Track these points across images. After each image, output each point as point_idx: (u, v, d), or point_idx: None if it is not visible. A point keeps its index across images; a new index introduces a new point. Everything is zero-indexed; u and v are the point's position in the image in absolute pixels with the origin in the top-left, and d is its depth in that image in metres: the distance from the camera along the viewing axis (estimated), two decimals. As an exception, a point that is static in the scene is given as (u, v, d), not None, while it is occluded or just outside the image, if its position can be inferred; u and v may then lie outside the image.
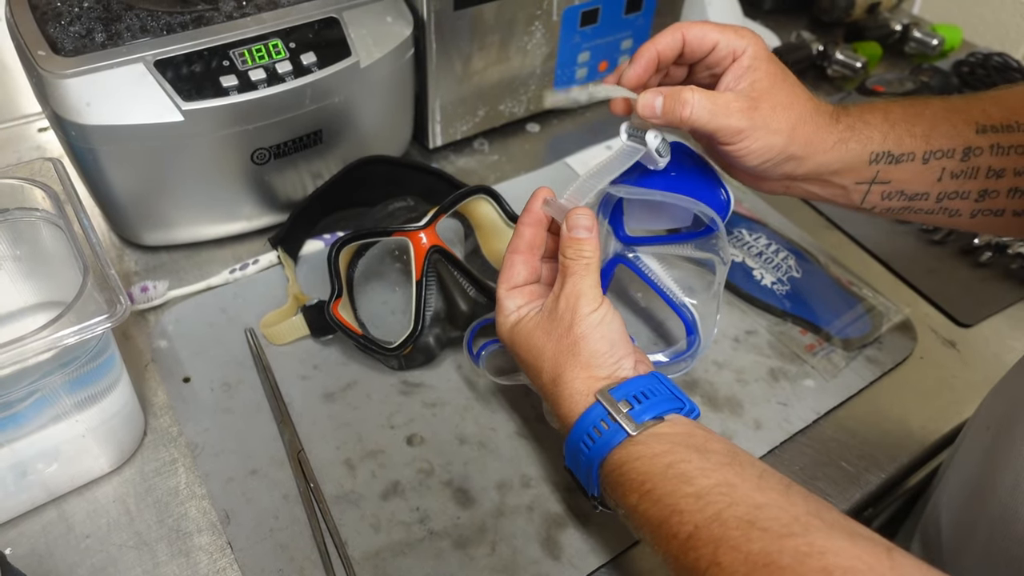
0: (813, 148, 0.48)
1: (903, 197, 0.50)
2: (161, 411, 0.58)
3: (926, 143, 0.48)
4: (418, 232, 0.58)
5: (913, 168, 0.48)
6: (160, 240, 0.68)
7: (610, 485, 0.42)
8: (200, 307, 0.65)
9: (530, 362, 0.47)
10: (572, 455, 0.45)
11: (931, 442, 0.60)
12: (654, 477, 0.39)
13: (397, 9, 0.69)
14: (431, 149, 0.81)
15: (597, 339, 0.44)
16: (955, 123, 0.48)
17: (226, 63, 0.60)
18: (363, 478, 0.55)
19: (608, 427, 0.42)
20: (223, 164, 0.64)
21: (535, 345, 0.46)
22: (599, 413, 0.43)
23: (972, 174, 0.48)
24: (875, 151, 0.48)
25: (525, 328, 0.47)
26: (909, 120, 0.48)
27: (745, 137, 0.46)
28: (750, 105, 0.46)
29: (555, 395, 0.45)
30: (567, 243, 0.47)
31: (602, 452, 0.42)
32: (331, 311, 0.57)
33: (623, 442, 0.41)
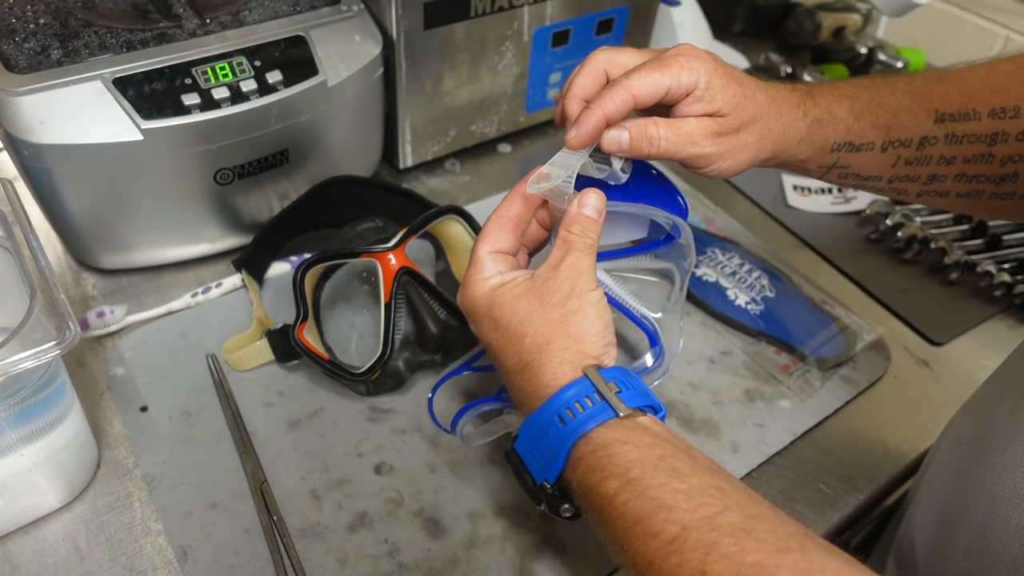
0: (780, 148, 0.48)
1: (858, 178, 0.51)
2: (116, 442, 0.55)
3: (886, 134, 0.48)
4: (387, 253, 0.57)
5: (871, 156, 0.49)
6: (119, 263, 0.66)
7: (584, 468, 0.38)
8: (160, 332, 0.63)
9: (511, 327, 0.42)
10: (536, 432, 0.40)
11: (907, 462, 0.60)
12: (643, 465, 0.36)
13: (366, 28, 0.68)
14: (401, 170, 0.80)
15: (593, 317, 0.41)
16: (916, 113, 0.48)
17: (188, 81, 0.59)
18: (329, 509, 0.52)
19: (593, 404, 0.38)
20: (185, 184, 0.62)
21: (521, 308, 0.42)
22: (585, 388, 0.39)
23: (924, 161, 0.49)
24: (838, 142, 0.48)
25: (511, 291, 0.42)
26: (873, 111, 0.48)
27: (713, 161, 0.46)
28: (715, 130, 0.45)
29: (536, 363, 0.41)
30: (575, 219, 0.44)
31: (583, 428, 0.38)
32: (296, 335, 0.55)
33: (609, 422, 0.38)
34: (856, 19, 1.09)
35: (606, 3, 0.81)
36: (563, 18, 0.79)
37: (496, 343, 0.43)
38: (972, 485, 0.44)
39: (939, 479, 0.51)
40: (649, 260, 0.56)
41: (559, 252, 0.43)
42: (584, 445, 0.38)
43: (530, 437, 0.41)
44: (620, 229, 0.56)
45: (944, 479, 0.50)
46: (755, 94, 0.46)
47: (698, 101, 0.45)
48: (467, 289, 0.44)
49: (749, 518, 0.33)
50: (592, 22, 0.82)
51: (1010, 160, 0.47)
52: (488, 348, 0.44)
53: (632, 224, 0.55)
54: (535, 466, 0.41)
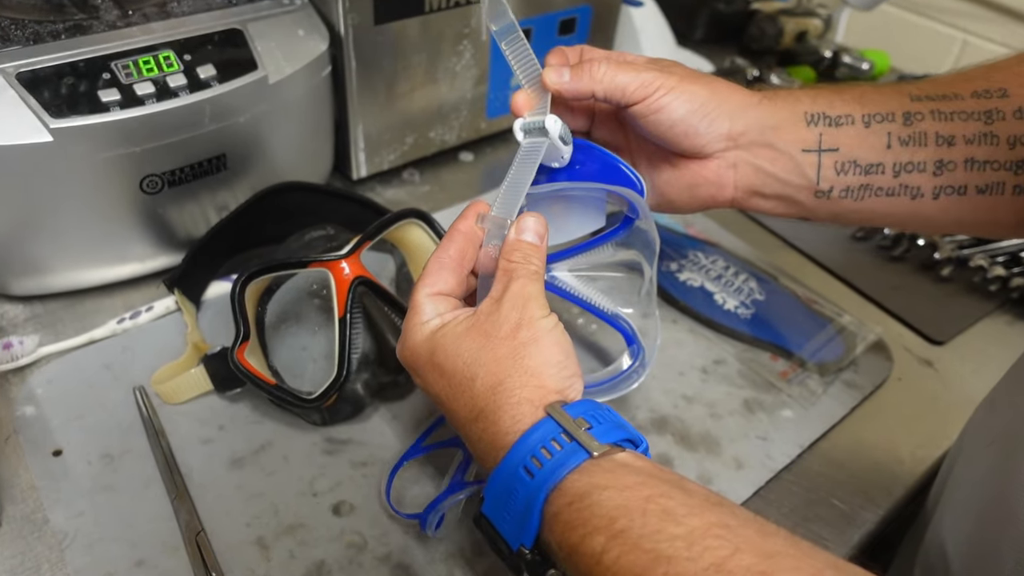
0: (737, 102, 0.44)
1: (858, 170, 0.45)
2: (23, 494, 0.47)
3: (860, 107, 0.44)
4: (339, 262, 0.50)
5: (856, 132, 0.44)
6: (32, 289, 0.58)
7: (562, 525, 0.32)
8: (79, 365, 0.54)
9: (458, 370, 0.37)
10: (502, 490, 0.34)
11: (923, 470, 0.55)
12: (630, 512, 0.30)
13: (310, 22, 0.62)
14: (355, 180, 0.74)
15: (549, 345, 0.36)
16: (885, 92, 0.45)
17: (106, 76, 0.52)
18: (279, 560, 0.45)
19: (562, 447, 0.33)
20: (106, 194, 0.54)
21: (467, 349, 0.37)
22: (550, 429, 0.34)
23: (921, 140, 0.44)
24: (807, 110, 0.45)
25: (452, 332, 0.38)
26: (833, 91, 0.45)
27: (659, 87, 0.43)
28: (660, 68, 0.44)
29: (491, 408, 0.36)
30: (513, 247, 0.39)
31: (554, 477, 0.32)
32: (235, 357, 0.48)
33: (583, 466, 0.33)
34: (817, 23, 1.08)
35: (568, 2, 0.77)
36: (523, 16, 0.74)
37: (443, 393, 0.38)
38: (1015, 489, 0.39)
39: (969, 484, 0.46)
40: (612, 251, 0.50)
41: (501, 283, 0.39)
42: (559, 498, 0.32)
43: (497, 496, 0.35)
44: (575, 221, 0.50)
45: (976, 484, 0.44)
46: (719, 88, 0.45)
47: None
48: (405, 338, 0.40)
49: (766, 557, 0.28)
50: (554, 21, 0.78)
51: (1018, 142, 0.42)
52: (437, 401, 0.39)
53: (586, 214, 0.49)
54: (507, 529, 0.34)
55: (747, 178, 0.46)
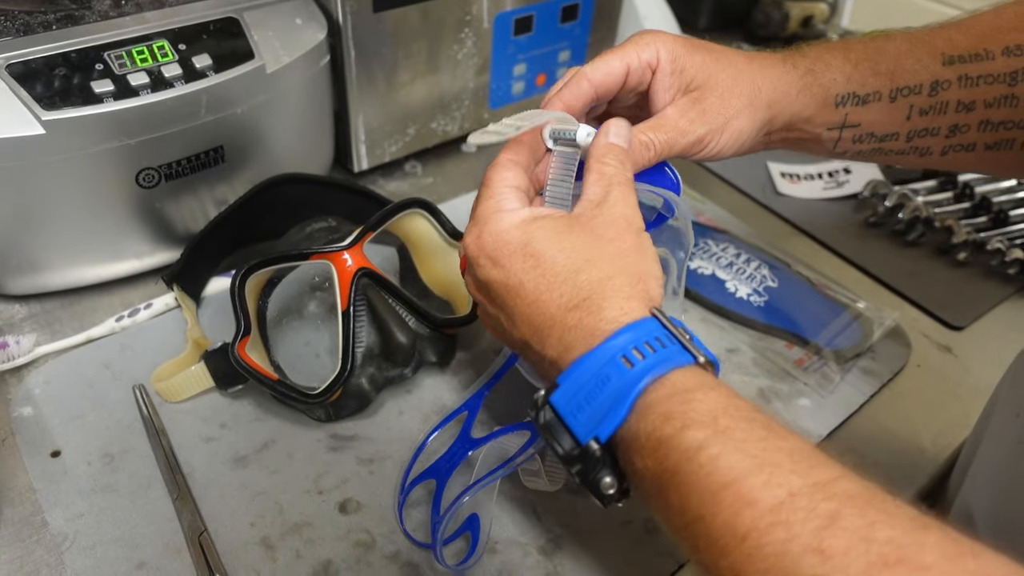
0: (779, 105, 0.44)
1: (873, 139, 0.46)
2: (21, 496, 0.46)
3: (891, 81, 0.44)
4: (341, 253, 0.49)
5: (880, 108, 0.44)
6: (28, 287, 0.57)
7: (658, 416, 0.30)
8: (77, 364, 0.53)
9: (559, 261, 0.35)
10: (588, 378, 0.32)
11: (946, 457, 0.53)
12: (735, 414, 0.29)
13: (308, 11, 0.61)
14: (356, 173, 0.72)
15: (653, 259, 0.36)
16: (919, 56, 0.44)
17: (100, 67, 0.50)
18: (285, 560, 0.43)
19: (666, 347, 0.32)
20: (101, 188, 0.53)
21: (571, 242, 0.35)
22: (656, 328, 0.33)
23: (941, 109, 0.44)
24: (839, 92, 0.44)
25: (551, 225, 0.36)
26: (871, 58, 0.44)
27: (709, 141, 0.42)
28: (697, 109, 0.42)
29: (597, 297, 0.34)
30: (607, 149, 0.39)
31: (659, 368, 0.31)
32: (236, 352, 0.46)
33: (688, 367, 0.32)
34: (823, 8, 1.06)
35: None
36: (525, 3, 0.73)
37: (535, 283, 0.35)
38: None
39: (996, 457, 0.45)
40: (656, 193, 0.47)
41: (599, 187, 0.38)
42: (659, 388, 0.31)
43: (578, 384, 0.33)
44: None
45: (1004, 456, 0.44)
46: (729, 56, 0.43)
47: (667, 75, 0.42)
48: (488, 223, 0.37)
49: (869, 488, 0.26)
50: (556, 8, 0.76)
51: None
52: (517, 289, 0.36)
53: None
54: (580, 421, 0.32)
55: (769, 147, 0.47)
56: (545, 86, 0.81)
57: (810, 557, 0.24)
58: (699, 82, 0.42)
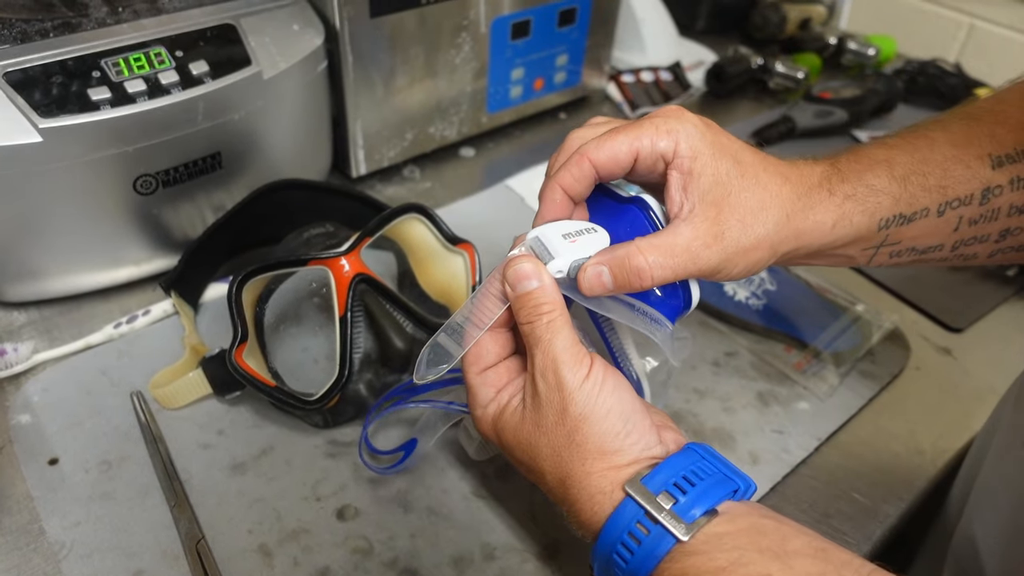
0: (809, 237, 0.38)
1: (914, 252, 0.41)
2: (18, 504, 0.45)
3: (942, 195, 0.39)
4: (339, 259, 0.49)
5: (927, 224, 0.40)
6: (25, 294, 0.57)
7: None
8: (75, 371, 0.53)
9: (526, 463, 0.37)
10: (602, 566, 0.34)
11: (945, 461, 0.53)
12: None
13: (305, 16, 0.61)
14: (355, 178, 0.72)
15: (602, 416, 0.34)
16: (968, 162, 0.39)
17: (96, 74, 0.50)
18: (283, 567, 0.43)
19: (649, 532, 0.32)
20: (99, 195, 0.53)
21: (525, 441, 0.36)
22: (632, 513, 0.32)
23: (992, 216, 0.40)
24: (885, 217, 0.39)
25: (509, 423, 0.37)
26: (919, 172, 0.39)
27: (720, 270, 0.36)
28: (714, 233, 0.35)
29: (569, 499, 0.35)
30: (517, 305, 0.36)
31: (646, 567, 0.31)
32: (234, 359, 0.46)
33: (673, 551, 0.31)
34: (821, 10, 1.06)
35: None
36: (522, 7, 0.73)
37: (523, 468, 0.38)
38: None
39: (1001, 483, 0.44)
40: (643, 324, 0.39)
41: (529, 353, 0.36)
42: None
43: (600, 569, 0.34)
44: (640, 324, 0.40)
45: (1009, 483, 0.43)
46: (758, 174, 0.36)
47: (684, 175, 0.36)
48: (476, 421, 0.40)
49: None
50: (553, 12, 0.76)
51: None
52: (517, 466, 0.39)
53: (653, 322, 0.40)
54: None
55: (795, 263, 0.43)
56: (543, 90, 0.81)
57: None
58: (718, 196, 0.35)
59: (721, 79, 0.90)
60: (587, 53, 0.82)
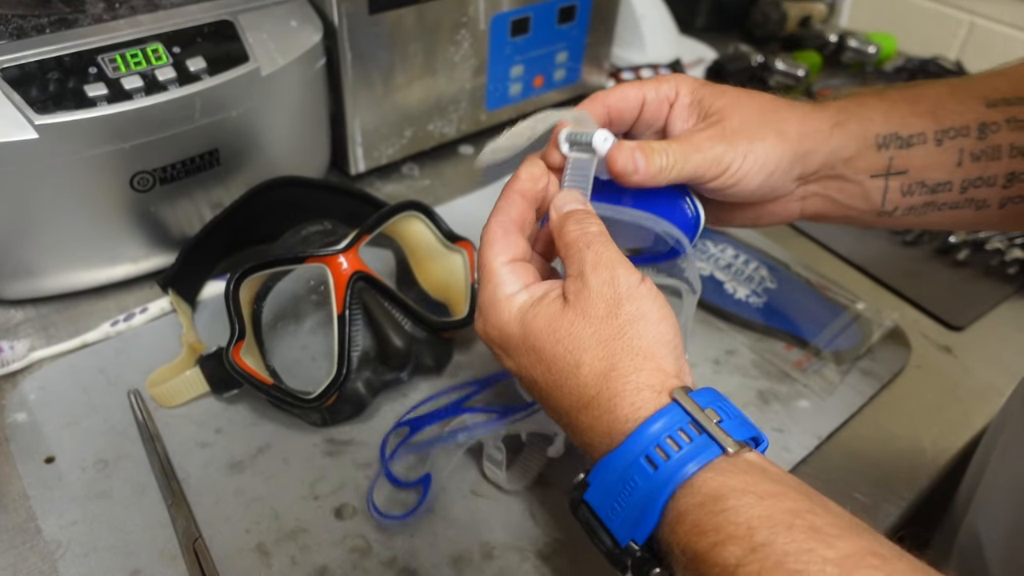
0: (811, 140, 0.40)
1: (925, 190, 0.42)
2: (15, 504, 0.45)
3: (935, 121, 0.40)
4: (337, 256, 0.48)
5: (927, 152, 0.41)
6: (22, 292, 0.56)
7: (689, 527, 0.28)
8: (72, 369, 0.53)
9: (558, 355, 0.33)
10: (615, 479, 0.31)
11: (947, 459, 0.53)
12: (774, 524, 0.27)
13: (303, 13, 0.61)
14: (353, 176, 0.72)
15: (657, 321, 0.32)
16: (962, 99, 0.41)
17: (93, 70, 0.50)
18: (280, 566, 0.43)
19: (691, 439, 0.29)
20: (96, 192, 0.53)
21: (566, 332, 0.33)
22: (677, 418, 0.30)
23: (994, 154, 0.41)
24: (879, 132, 0.40)
25: (545, 312, 0.34)
26: (909, 100, 0.41)
27: (729, 163, 0.38)
28: (716, 129, 0.38)
29: (606, 396, 0.32)
30: (564, 220, 0.36)
31: (684, 472, 0.29)
32: (231, 357, 0.46)
33: (716, 463, 0.29)
34: (821, 8, 1.06)
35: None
36: (522, 4, 0.73)
37: (542, 379, 0.34)
38: None
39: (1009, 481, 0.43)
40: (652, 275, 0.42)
41: (573, 260, 0.35)
42: (687, 496, 0.29)
43: (607, 485, 0.31)
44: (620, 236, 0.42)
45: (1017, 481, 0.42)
46: (753, 93, 0.40)
47: (685, 107, 0.40)
48: (489, 315, 0.35)
49: None
50: (553, 9, 0.76)
51: None
52: (532, 387, 0.35)
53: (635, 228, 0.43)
54: (617, 523, 0.31)
55: (814, 207, 0.43)
56: (542, 88, 0.81)
57: None
58: (718, 109, 0.39)
59: (721, 77, 0.90)
60: (587, 50, 0.82)
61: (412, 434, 0.48)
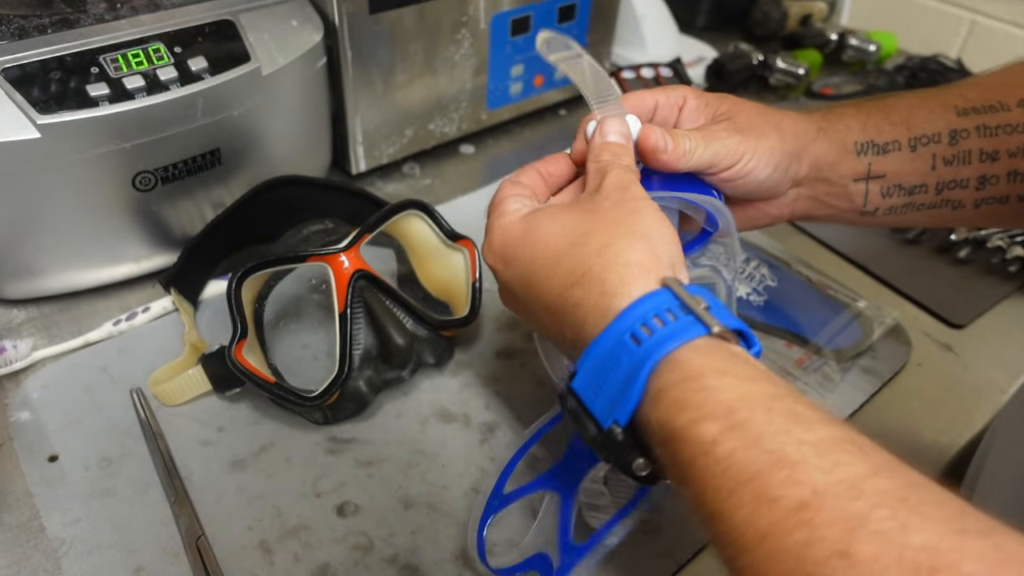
0: (801, 142, 0.44)
1: (902, 192, 0.45)
2: (18, 501, 0.45)
3: (907, 130, 0.44)
4: (338, 255, 0.48)
5: (902, 158, 0.44)
6: (25, 291, 0.56)
7: (669, 403, 0.29)
8: (75, 368, 0.53)
9: (556, 241, 0.35)
10: (601, 358, 0.31)
11: (948, 457, 0.53)
12: (752, 405, 0.27)
13: (304, 13, 0.61)
14: (354, 175, 0.72)
15: (657, 219, 0.34)
16: (932, 108, 0.44)
17: (95, 70, 0.50)
18: (283, 564, 0.43)
19: (676, 319, 0.30)
20: (98, 192, 0.53)
21: (568, 221, 0.35)
22: (665, 299, 0.30)
23: (965, 159, 0.43)
24: (857, 140, 0.44)
25: (549, 211, 0.37)
26: (883, 111, 0.45)
27: (743, 153, 0.42)
28: (728, 124, 0.43)
29: (597, 269, 0.32)
30: (601, 148, 0.39)
31: (666, 346, 0.29)
32: (233, 355, 0.46)
33: (699, 343, 0.29)
34: (822, 6, 1.06)
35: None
36: (522, 3, 0.73)
37: (541, 267, 0.35)
38: None
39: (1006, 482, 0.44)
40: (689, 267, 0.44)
41: (594, 180, 0.37)
42: (668, 371, 0.29)
43: (593, 367, 0.31)
44: None
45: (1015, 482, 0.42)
46: (748, 102, 0.45)
47: (694, 109, 0.44)
48: (494, 229, 0.38)
49: (905, 486, 0.24)
50: (553, 8, 0.76)
51: None
52: (525, 287, 0.36)
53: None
54: (599, 406, 0.31)
55: (803, 208, 0.46)
56: (543, 87, 0.81)
57: (835, 562, 0.23)
58: (725, 111, 0.43)
59: (722, 76, 0.90)
60: (587, 49, 0.81)
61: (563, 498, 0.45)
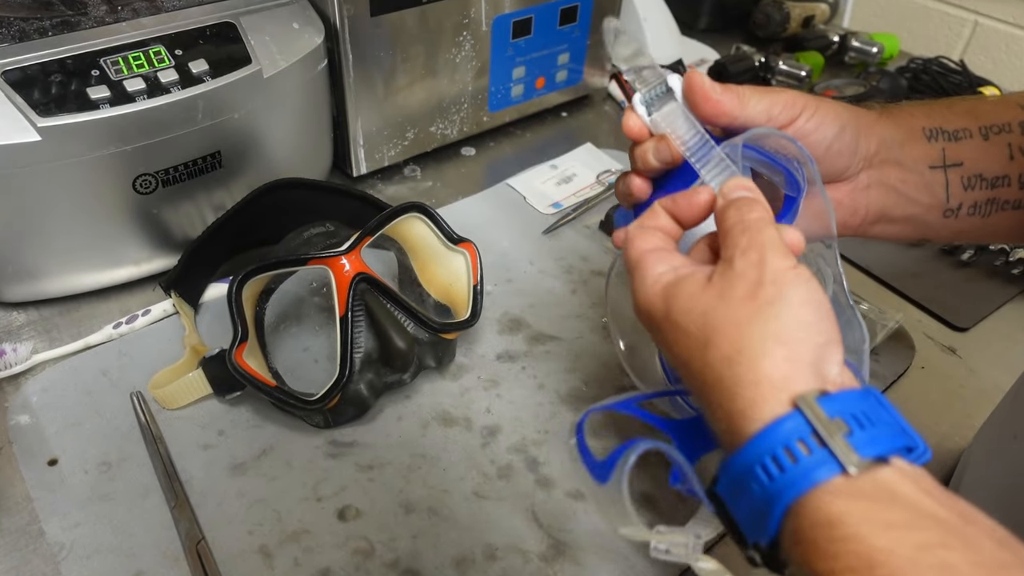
0: (864, 118, 0.41)
1: (985, 183, 0.42)
2: (17, 506, 0.45)
3: (975, 119, 0.42)
4: (339, 258, 0.48)
5: (976, 145, 0.42)
6: (25, 294, 0.56)
7: (806, 547, 0.26)
8: (75, 371, 0.53)
9: (691, 332, 0.32)
10: (737, 479, 0.29)
11: (951, 461, 0.53)
12: (897, 560, 0.24)
13: (305, 15, 0.61)
14: (355, 177, 0.72)
15: (800, 304, 0.30)
16: (996, 104, 0.43)
17: (95, 73, 0.50)
18: (283, 568, 0.43)
19: (810, 452, 0.27)
20: (98, 195, 0.53)
21: (701, 309, 0.31)
22: (797, 427, 0.27)
23: None
24: (924, 126, 0.42)
25: (687, 289, 0.33)
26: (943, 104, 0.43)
27: (805, 106, 0.39)
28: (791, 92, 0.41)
29: (727, 382, 0.30)
30: (726, 207, 0.34)
31: (795, 490, 0.27)
32: (234, 359, 0.46)
33: (835, 484, 0.26)
34: (824, 8, 1.06)
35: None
36: (523, 6, 0.73)
37: (684, 353, 0.33)
38: None
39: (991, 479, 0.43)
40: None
41: (727, 245, 0.33)
42: (802, 516, 0.27)
43: (733, 484, 0.30)
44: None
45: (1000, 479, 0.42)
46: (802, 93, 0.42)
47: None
48: (638, 295, 0.35)
49: None
50: (555, 10, 0.76)
51: None
52: (677, 361, 0.34)
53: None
54: (743, 520, 0.30)
55: (879, 200, 0.43)
56: (544, 89, 0.81)
57: None
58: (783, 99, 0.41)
59: (723, 77, 0.90)
60: (589, 51, 0.82)
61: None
